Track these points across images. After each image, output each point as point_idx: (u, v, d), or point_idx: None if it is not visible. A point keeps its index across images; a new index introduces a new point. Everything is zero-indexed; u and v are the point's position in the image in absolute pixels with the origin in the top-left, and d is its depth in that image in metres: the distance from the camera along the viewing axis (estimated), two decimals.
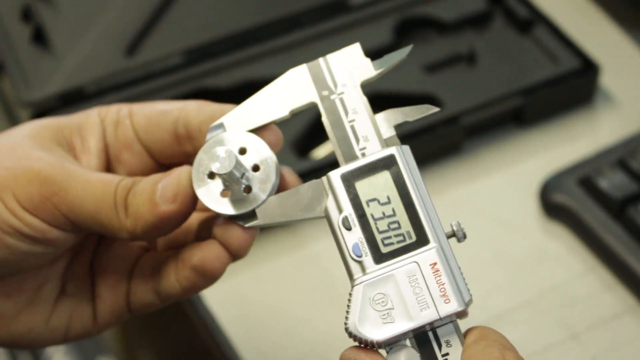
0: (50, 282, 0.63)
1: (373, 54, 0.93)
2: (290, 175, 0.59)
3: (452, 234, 0.54)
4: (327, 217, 0.55)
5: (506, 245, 0.84)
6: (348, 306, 0.53)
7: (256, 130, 0.58)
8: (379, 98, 0.90)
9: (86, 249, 0.64)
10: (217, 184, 0.57)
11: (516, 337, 0.77)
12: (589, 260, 0.82)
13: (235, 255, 0.60)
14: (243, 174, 0.56)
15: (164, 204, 0.56)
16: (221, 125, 0.58)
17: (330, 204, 0.55)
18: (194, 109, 0.60)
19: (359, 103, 0.57)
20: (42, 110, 0.90)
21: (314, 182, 0.56)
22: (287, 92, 0.58)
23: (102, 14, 0.97)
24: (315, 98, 0.58)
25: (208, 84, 0.92)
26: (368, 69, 0.58)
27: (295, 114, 0.59)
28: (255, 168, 0.57)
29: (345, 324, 0.52)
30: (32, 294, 0.62)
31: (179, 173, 0.57)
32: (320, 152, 0.87)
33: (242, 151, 0.57)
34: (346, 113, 0.57)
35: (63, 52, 0.95)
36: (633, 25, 1.00)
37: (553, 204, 0.84)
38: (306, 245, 0.84)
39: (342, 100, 0.57)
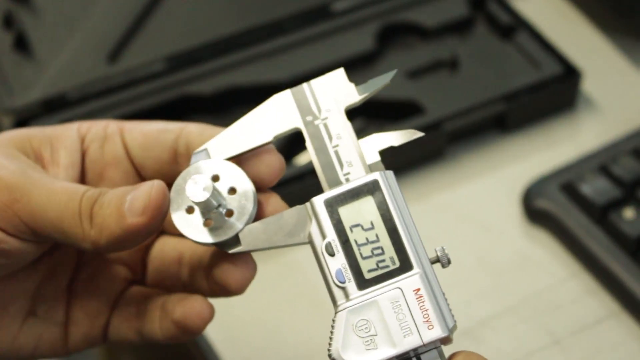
0: (17, 300, 0.61)
1: (356, 61, 0.94)
2: (276, 201, 0.59)
3: (437, 260, 0.54)
4: (311, 242, 0.55)
5: (489, 251, 0.84)
6: (331, 332, 0.53)
7: (253, 153, 0.58)
8: (362, 104, 0.90)
9: (61, 271, 0.63)
10: (196, 213, 0.57)
11: (499, 343, 0.78)
12: (572, 265, 0.82)
13: (233, 293, 0.60)
14: (220, 204, 0.56)
15: (131, 216, 0.55)
16: (205, 151, 0.58)
17: (313, 229, 0.55)
18: (196, 131, 0.60)
19: (343, 128, 0.57)
20: (24, 118, 0.90)
21: (297, 207, 0.56)
22: (271, 117, 0.58)
23: (84, 21, 0.96)
24: (299, 124, 0.57)
25: (191, 91, 0.92)
26: (352, 94, 0.57)
27: None
28: (232, 191, 0.57)
29: (329, 350, 0.52)
30: None
31: (150, 186, 0.55)
32: (303, 159, 0.87)
33: (216, 179, 0.57)
34: (330, 138, 0.57)
35: (45, 59, 0.94)
36: (615, 31, 1.00)
37: (536, 209, 0.84)
38: (288, 251, 0.84)
39: (326, 126, 0.57)
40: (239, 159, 0.58)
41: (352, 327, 0.52)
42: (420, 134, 0.57)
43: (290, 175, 0.83)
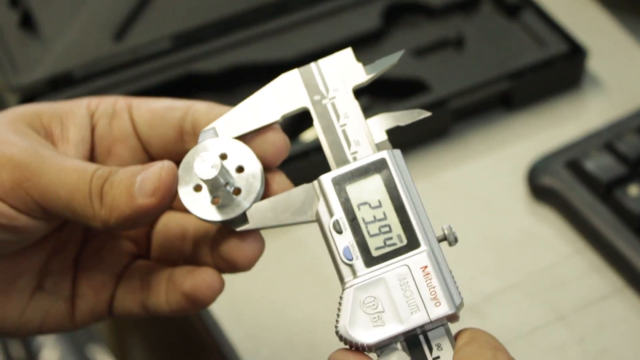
0: (25, 275, 0.62)
1: (362, 40, 0.94)
2: (282, 180, 0.59)
3: (444, 238, 0.55)
4: (319, 220, 0.55)
5: (494, 228, 0.84)
6: (339, 309, 0.53)
7: (258, 132, 0.58)
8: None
9: (69, 246, 0.63)
10: (204, 191, 0.57)
11: (504, 319, 0.78)
12: (577, 242, 0.82)
13: (241, 269, 0.60)
14: (228, 182, 0.56)
15: (141, 197, 0.55)
16: (212, 129, 0.58)
17: (321, 207, 0.55)
18: (203, 109, 0.60)
19: (350, 108, 0.57)
20: (30, 95, 0.90)
21: (305, 186, 0.56)
22: (279, 96, 0.58)
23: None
24: (307, 103, 0.57)
25: (196, 69, 0.92)
26: (360, 74, 0.57)
27: None
28: (240, 170, 0.57)
29: (336, 327, 0.52)
30: (6, 284, 0.61)
31: (160, 167, 0.55)
32: (310, 135, 0.87)
33: (223, 157, 0.57)
34: (338, 117, 0.57)
35: (51, 37, 0.94)
36: (620, 9, 1.00)
37: (541, 186, 0.84)
38: (293, 228, 0.84)
39: (333, 105, 0.57)
40: (244, 138, 0.58)
41: (359, 304, 0.52)
42: (427, 114, 0.57)
43: (296, 152, 0.83)
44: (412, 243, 0.53)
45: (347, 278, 0.53)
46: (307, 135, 0.87)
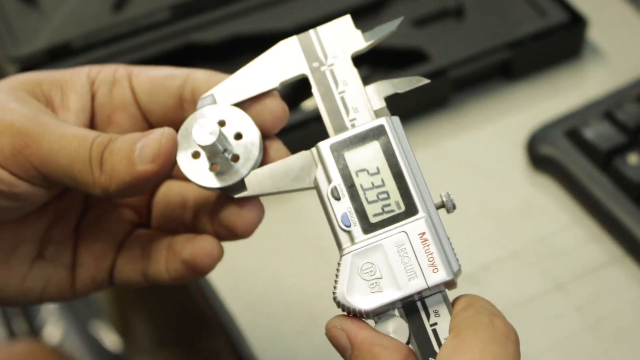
0: (26, 243, 0.62)
1: (361, 10, 0.94)
2: (279, 147, 0.59)
3: (442, 205, 0.55)
4: (317, 187, 0.55)
5: (493, 198, 0.84)
6: (336, 276, 0.53)
7: (256, 99, 0.58)
8: (368, 52, 0.90)
9: (69, 214, 0.63)
10: (202, 158, 0.57)
11: (503, 288, 0.78)
12: (576, 211, 0.82)
13: (241, 236, 0.60)
14: (226, 149, 0.56)
15: (141, 163, 0.55)
16: (211, 96, 0.58)
17: (319, 174, 0.55)
18: (202, 77, 0.60)
19: (349, 75, 0.57)
20: (29, 66, 0.90)
21: (303, 153, 0.56)
22: (278, 63, 0.58)
23: None
24: (305, 70, 0.57)
25: (195, 39, 0.92)
26: (359, 41, 0.57)
27: None
28: (238, 137, 0.57)
29: (334, 293, 0.52)
30: (7, 252, 0.61)
31: (161, 134, 0.56)
32: (310, 104, 0.87)
33: (222, 124, 0.57)
34: (336, 84, 0.57)
35: (50, 8, 0.94)
36: None
37: (540, 156, 0.84)
38: (292, 198, 0.84)
39: (332, 72, 0.57)
40: (242, 105, 0.58)
41: (357, 270, 0.53)
42: (425, 81, 0.57)
43: (295, 122, 0.83)
44: (410, 210, 0.53)
45: (345, 244, 0.53)
46: (308, 104, 0.87)
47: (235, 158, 0.57)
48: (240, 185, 0.57)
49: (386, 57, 0.90)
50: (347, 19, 0.58)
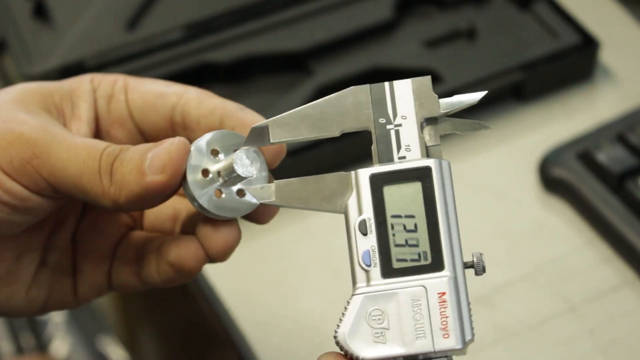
0: (30, 252, 0.61)
1: (374, 30, 0.94)
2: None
3: (471, 265, 0.52)
4: (346, 214, 0.52)
5: (505, 219, 0.84)
6: (343, 313, 0.51)
7: None
8: (379, 72, 0.90)
9: (68, 220, 0.63)
10: (211, 181, 0.56)
11: (514, 310, 0.78)
12: (588, 233, 0.82)
13: (213, 259, 0.58)
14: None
15: (151, 174, 0.54)
16: (266, 127, 0.54)
17: (352, 201, 0.52)
18: (194, 99, 0.59)
19: (413, 140, 0.53)
20: None
21: (340, 174, 0.53)
22: (343, 110, 0.53)
23: None
24: (370, 125, 0.53)
25: (208, 59, 0.92)
26: (434, 108, 0.54)
27: None
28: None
29: (335, 332, 0.50)
30: (11, 263, 0.60)
31: (170, 144, 0.54)
32: None
33: (215, 153, 0.56)
34: (398, 148, 0.53)
35: (64, 27, 0.95)
36: (633, 1, 1.00)
37: (552, 178, 0.84)
38: (306, 217, 0.84)
39: (397, 133, 0.53)
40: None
41: (365, 314, 0.50)
42: (487, 127, 0.54)
43: (309, 142, 0.83)
44: (436, 264, 0.51)
45: (359, 283, 0.51)
46: None
47: (241, 193, 0.56)
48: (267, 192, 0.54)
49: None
50: (427, 80, 0.54)
